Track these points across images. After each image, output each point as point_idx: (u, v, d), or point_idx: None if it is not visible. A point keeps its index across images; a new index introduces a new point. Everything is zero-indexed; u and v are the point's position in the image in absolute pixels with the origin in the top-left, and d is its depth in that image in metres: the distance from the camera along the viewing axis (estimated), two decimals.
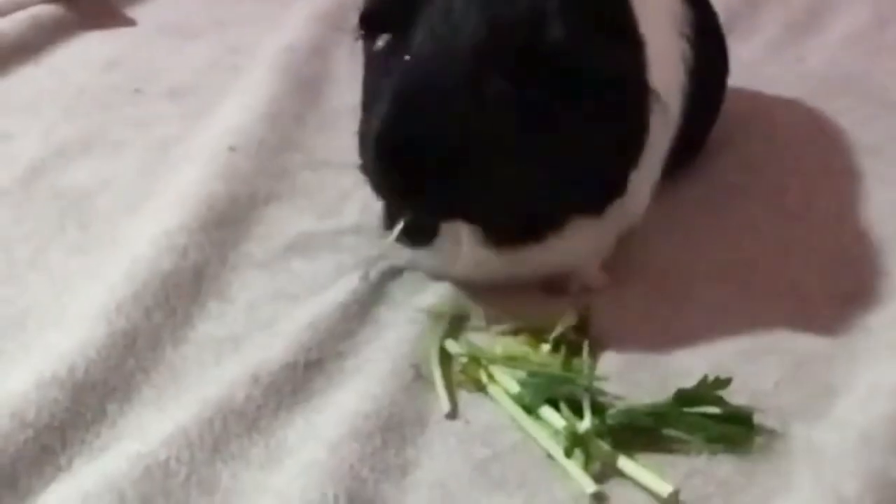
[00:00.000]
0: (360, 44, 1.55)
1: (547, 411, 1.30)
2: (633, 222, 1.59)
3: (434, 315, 1.46)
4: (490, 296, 1.49)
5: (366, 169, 1.45)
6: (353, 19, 1.51)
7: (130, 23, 2.23)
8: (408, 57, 1.41)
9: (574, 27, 1.38)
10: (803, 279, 1.57)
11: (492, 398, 1.35)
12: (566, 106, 1.40)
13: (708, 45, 1.72)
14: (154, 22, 2.24)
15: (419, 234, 1.50)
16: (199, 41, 2.17)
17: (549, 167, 1.41)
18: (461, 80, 1.37)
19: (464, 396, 1.36)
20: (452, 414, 1.33)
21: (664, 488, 1.21)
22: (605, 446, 1.25)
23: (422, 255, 1.53)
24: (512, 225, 1.46)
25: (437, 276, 1.53)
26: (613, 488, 1.23)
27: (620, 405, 1.31)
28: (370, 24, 1.51)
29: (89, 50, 2.12)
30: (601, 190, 1.48)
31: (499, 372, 1.37)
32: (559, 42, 1.38)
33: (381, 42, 1.50)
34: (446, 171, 1.36)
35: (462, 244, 1.48)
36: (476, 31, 1.39)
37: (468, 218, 1.44)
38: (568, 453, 1.25)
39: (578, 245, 1.51)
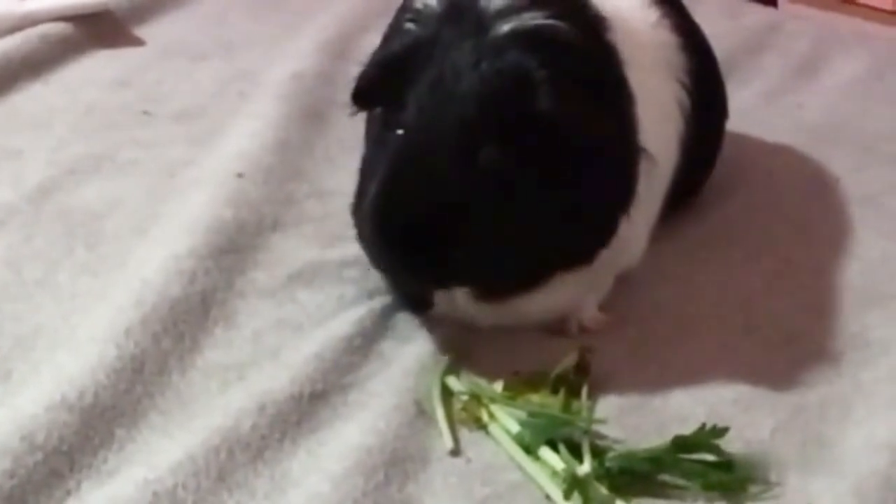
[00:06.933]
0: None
1: (546, 452, 1.33)
2: (630, 265, 1.62)
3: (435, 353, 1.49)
4: (491, 335, 1.51)
5: (362, 240, 1.48)
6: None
7: (139, 42, 2.24)
8: (400, 131, 1.44)
9: (561, 95, 1.40)
10: (796, 328, 1.59)
11: (492, 437, 1.37)
12: (554, 171, 1.43)
13: (706, 92, 1.74)
14: (161, 42, 2.25)
15: (417, 304, 1.53)
16: (206, 63, 2.18)
17: (539, 227, 1.44)
18: (451, 153, 1.40)
19: (464, 434, 1.38)
20: (455, 451, 1.35)
21: None
22: (603, 490, 1.27)
23: None
24: (503, 282, 1.48)
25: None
26: None
27: (619, 449, 1.33)
28: (363, 101, 1.53)
29: (98, 69, 2.13)
30: (589, 240, 1.50)
31: (499, 410, 1.39)
32: (547, 112, 1.40)
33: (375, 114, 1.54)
34: (440, 243, 1.39)
35: (457, 306, 1.51)
36: (465, 102, 1.41)
37: (464, 283, 1.47)
38: (567, 496, 1.27)
39: (575, 291, 1.54)
